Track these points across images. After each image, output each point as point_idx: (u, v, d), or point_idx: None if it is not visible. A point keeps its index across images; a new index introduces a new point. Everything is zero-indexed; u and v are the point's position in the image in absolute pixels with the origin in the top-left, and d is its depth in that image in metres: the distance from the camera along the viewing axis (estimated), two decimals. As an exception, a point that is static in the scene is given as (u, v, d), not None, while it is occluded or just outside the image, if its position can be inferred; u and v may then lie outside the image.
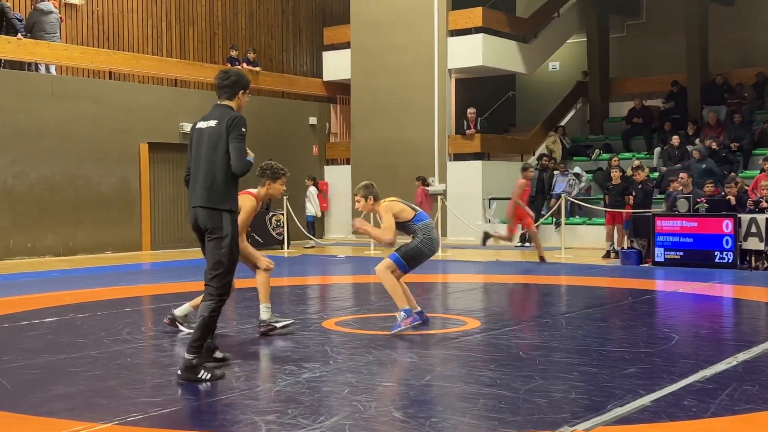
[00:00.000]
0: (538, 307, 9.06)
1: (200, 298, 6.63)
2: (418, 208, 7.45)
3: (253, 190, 7.10)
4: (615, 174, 14.96)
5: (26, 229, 15.18)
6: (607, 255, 14.76)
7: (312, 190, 18.70)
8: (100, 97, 16.51)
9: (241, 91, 5.68)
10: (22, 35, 15.45)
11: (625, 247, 14.17)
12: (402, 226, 7.26)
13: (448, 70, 19.18)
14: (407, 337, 6.90)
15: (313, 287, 11.38)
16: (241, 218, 6.74)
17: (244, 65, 19.41)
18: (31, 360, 6.14)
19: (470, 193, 18.66)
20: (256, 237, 17.94)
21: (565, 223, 15.97)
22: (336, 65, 21.19)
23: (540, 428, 4.21)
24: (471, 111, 19.05)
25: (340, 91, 21.55)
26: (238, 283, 11.20)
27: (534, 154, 20.32)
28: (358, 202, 7.39)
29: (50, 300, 9.43)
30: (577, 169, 18.02)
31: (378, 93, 19.84)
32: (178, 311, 7.20)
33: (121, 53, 17.55)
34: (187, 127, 17.56)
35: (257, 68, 19.77)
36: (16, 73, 15.59)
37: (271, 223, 18.18)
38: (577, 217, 17.60)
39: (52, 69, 16.25)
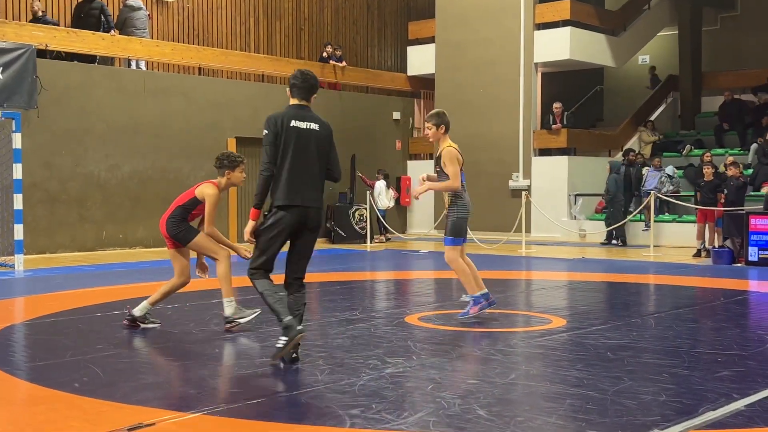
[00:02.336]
0: (626, 306, 8.85)
1: (159, 294, 6.97)
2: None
3: (215, 180, 7.05)
4: (707, 170, 14.51)
5: (119, 221, 15.64)
6: (697, 254, 14.35)
7: (381, 184, 18.59)
8: (190, 93, 16.87)
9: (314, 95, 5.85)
10: (114, 32, 15.90)
11: (717, 246, 13.75)
12: (445, 175, 7.47)
13: (534, 64, 18.93)
14: (491, 334, 6.84)
15: (396, 282, 11.39)
16: (207, 209, 6.87)
17: (332, 62, 19.56)
18: (122, 349, 6.32)
19: (555, 189, 18.39)
20: (340, 231, 18.09)
21: (654, 221, 15.59)
22: (420, 60, 21.15)
23: (629, 431, 4.11)
24: (557, 105, 18.76)
25: (424, 85, 21.52)
26: (320, 276, 11.34)
27: (622, 150, 19.89)
28: (429, 129, 7.60)
29: (141, 290, 9.68)
30: (669, 169, 17.55)
31: (462, 88, 19.73)
32: (137, 311, 7.08)
33: (210, 49, 17.89)
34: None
35: (343, 63, 19.89)
36: (110, 69, 16.07)
37: (354, 217, 18.29)
38: (666, 214, 17.16)
39: (142, 65, 16.68)
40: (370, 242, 17.09)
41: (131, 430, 4.14)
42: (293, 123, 5.62)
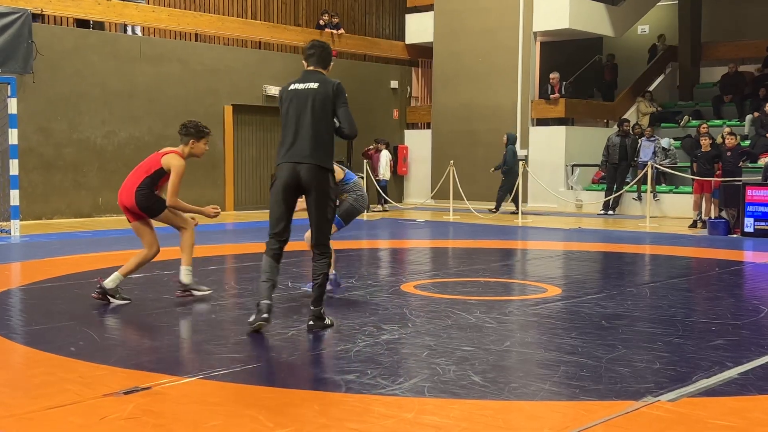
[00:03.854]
0: (621, 276, 8.88)
1: (130, 265, 6.82)
2: (345, 168, 7.56)
3: (178, 149, 6.92)
4: (704, 141, 14.49)
5: (115, 188, 15.50)
6: (693, 225, 14.38)
7: (385, 154, 18.58)
8: (186, 59, 16.76)
9: (331, 63, 5.93)
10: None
11: (713, 217, 13.77)
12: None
13: (533, 33, 18.83)
14: (487, 302, 6.86)
15: (392, 251, 11.40)
16: (173, 179, 6.74)
17: (329, 29, 19.43)
18: (119, 314, 6.33)
19: (553, 159, 18.37)
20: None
21: (654, 192, 15.60)
22: (419, 28, 21.01)
23: (623, 398, 4.14)
24: (554, 75, 18.67)
25: (422, 54, 21.40)
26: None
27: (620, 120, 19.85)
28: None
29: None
30: (665, 141, 17.52)
31: (461, 56, 19.62)
32: (109, 282, 6.76)
33: (207, 15, 17.75)
34: (271, 90, 17.80)
35: (340, 31, 19.76)
36: (106, 34, 15.95)
37: (351, 186, 18.26)
38: (663, 185, 17.17)
39: (138, 30, 16.55)
40: (367, 211, 17.08)
41: (127, 393, 4.16)
42: (292, 86, 5.72)
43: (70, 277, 8.14)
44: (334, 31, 19.58)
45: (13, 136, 12.37)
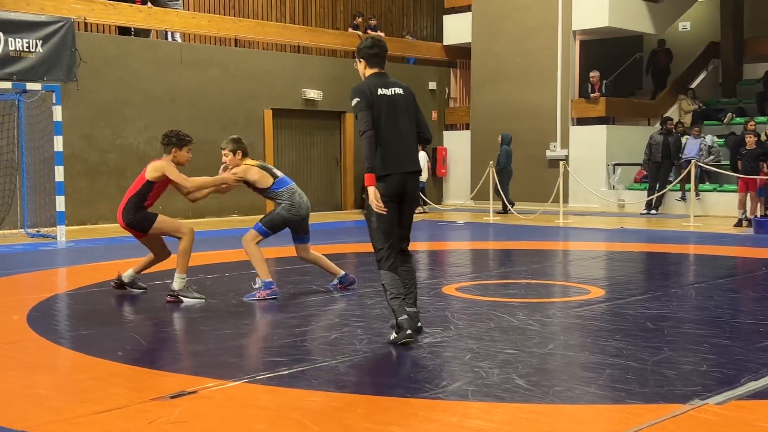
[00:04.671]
0: (666, 276, 8.78)
1: (145, 261, 7.07)
2: (279, 173, 7.45)
3: (162, 159, 6.91)
4: (750, 139, 14.26)
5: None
6: (739, 223, 14.15)
7: (422, 155, 18.48)
8: (226, 64, 16.92)
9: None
10: (150, 4, 15.97)
11: (759, 216, 13.54)
12: (263, 194, 7.39)
13: (572, 32, 18.68)
14: (529, 304, 6.82)
15: (433, 253, 11.38)
16: (174, 175, 6.73)
17: (369, 32, 19.48)
18: (164, 318, 6.41)
19: (593, 158, 18.20)
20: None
21: (697, 191, 15.40)
22: (456, 29, 20.96)
23: (669, 401, 4.09)
24: (594, 74, 18.51)
25: (460, 55, 21.35)
26: (357, 247, 11.36)
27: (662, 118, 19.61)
28: (226, 156, 7.35)
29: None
30: (709, 139, 17.27)
31: (499, 57, 19.54)
32: (125, 276, 7.39)
33: (246, 20, 17.89)
34: (310, 93, 17.89)
35: (380, 33, 19.78)
36: (148, 41, 16.16)
37: (390, 188, 18.26)
38: (707, 183, 16.93)
39: (178, 36, 16.74)
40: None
41: (174, 397, 4.21)
42: (380, 91, 5.49)
43: (116, 282, 8.24)
44: (374, 34, 19.62)
45: (58, 143, 12.58)
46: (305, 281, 8.20)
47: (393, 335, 5.36)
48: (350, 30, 19.48)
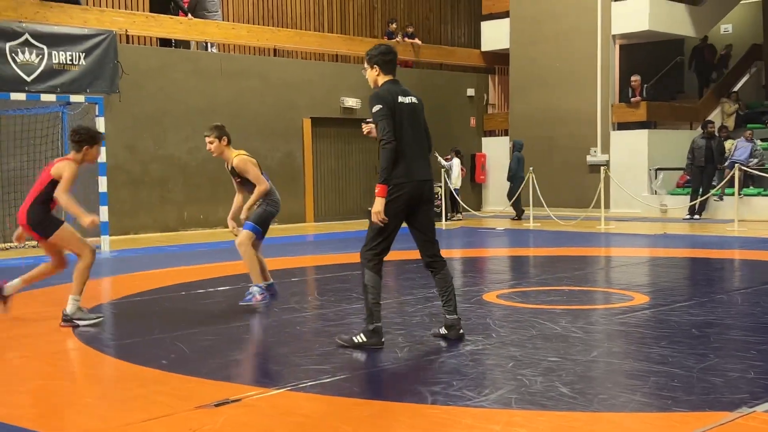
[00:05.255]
0: (711, 282, 8.65)
1: (40, 270, 6.69)
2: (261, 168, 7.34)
3: (69, 156, 6.58)
4: (795, 142, 13.99)
5: (199, 202, 15.95)
6: (785, 228, 13.90)
7: (455, 162, 18.39)
8: (266, 74, 17.05)
9: None
10: (191, 16, 16.16)
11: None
12: (249, 186, 7.21)
13: (611, 36, 18.52)
14: (572, 311, 6.76)
15: (472, 260, 11.34)
16: (65, 177, 6.34)
17: (406, 39, 19.52)
18: (207, 327, 6.47)
19: (635, 163, 18.01)
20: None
21: (740, 195, 15.16)
22: (494, 35, 20.90)
23: (716, 408, 4.03)
24: (635, 78, 18.33)
25: (498, 61, 21.29)
26: (396, 255, 11.37)
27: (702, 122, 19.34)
28: (211, 143, 7.26)
29: (222, 270, 9.89)
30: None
31: (537, 62, 19.44)
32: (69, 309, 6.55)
33: (285, 30, 18.03)
34: (348, 102, 17.96)
35: (416, 40, 19.80)
36: (188, 52, 16.35)
37: (429, 195, 18.22)
38: (750, 187, 16.66)
39: (215, 48, 16.90)
40: (446, 220, 17.05)
41: (218, 405, 4.24)
42: (400, 99, 5.53)
43: (159, 291, 8.35)
44: (412, 41, 19.63)
45: (101, 154, 12.75)
46: (345, 289, 8.22)
47: (360, 337, 5.44)
48: (386, 39, 19.51)
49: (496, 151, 20.62)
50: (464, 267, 10.61)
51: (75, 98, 13.24)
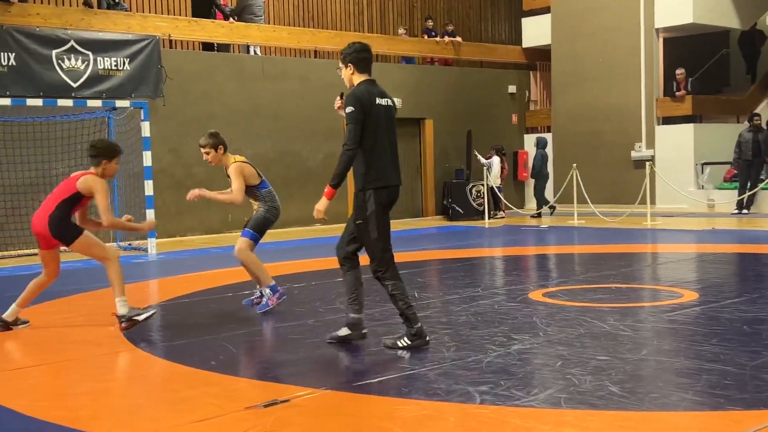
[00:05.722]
0: (761, 278, 8.48)
1: (33, 288, 6.54)
2: (261, 174, 7.26)
3: (92, 171, 6.45)
4: None
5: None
6: (837, 222, 13.59)
7: (495, 160, 18.23)
8: (306, 76, 17.12)
9: None
10: (233, 19, 16.30)
11: None
12: (248, 191, 7.11)
13: (655, 30, 18.27)
14: (620, 309, 6.68)
15: (517, 258, 11.27)
16: (102, 201, 6.29)
17: (446, 37, 19.47)
18: (254, 327, 6.51)
19: (681, 158, 17.74)
20: (457, 208, 18.03)
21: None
22: (535, 31, 20.74)
23: (772, 408, 3.95)
24: (680, 72, 18.06)
25: (540, 57, 21.13)
26: (439, 254, 11.36)
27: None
28: (207, 154, 7.15)
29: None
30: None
31: (580, 57, 19.25)
32: (7, 316, 6.61)
33: (325, 31, 18.09)
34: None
35: (457, 38, 19.74)
36: (230, 55, 16.48)
37: (471, 193, 18.18)
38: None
39: (257, 50, 17.02)
40: (488, 219, 16.97)
41: (267, 406, 4.27)
42: (377, 101, 5.48)
43: (206, 293, 8.43)
44: (452, 39, 19.57)
45: (146, 158, 12.94)
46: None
47: (404, 341, 5.42)
48: (425, 36, 19.49)
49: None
50: (508, 265, 10.55)
51: (120, 103, 13.44)
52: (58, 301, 8.18)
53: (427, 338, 5.48)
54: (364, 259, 5.68)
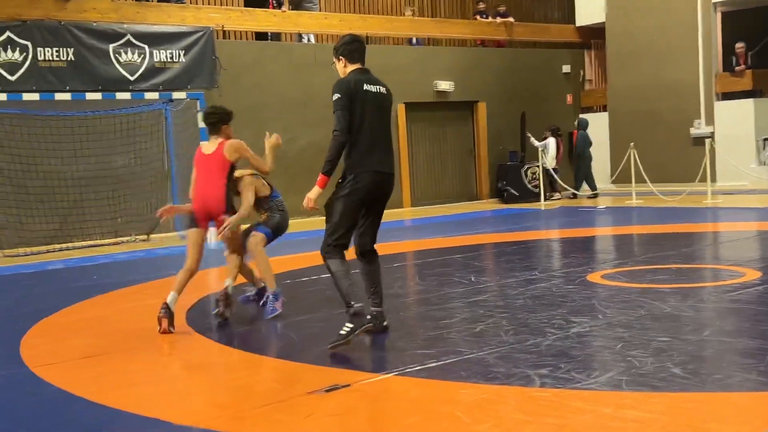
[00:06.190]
0: (827, 255, 8.29)
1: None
2: (271, 184, 7.18)
3: (220, 139, 6.54)
4: None
5: (298, 191, 15.99)
6: None
7: (551, 141, 18.02)
8: (359, 62, 17.14)
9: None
10: (287, 9, 16.41)
11: None
12: (258, 202, 7.04)
13: (712, 4, 17.85)
14: (680, 290, 6.60)
15: (575, 240, 11.17)
16: (253, 157, 6.45)
17: (498, 18, 19.31)
18: (313, 314, 6.59)
19: (741, 134, 17.34)
20: (512, 191, 17.92)
21: None
22: (589, 9, 20.41)
23: (840, 388, 3.88)
24: (740, 46, 17.63)
25: (594, 35, 20.80)
26: (495, 237, 11.31)
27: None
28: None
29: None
30: None
31: (635, 34, 18.90)
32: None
33: (376, 17, 18.07)
34: (442, 85, 17.91)
35: (510, 19, 19.55)
36: (283, 44, 16.60)
37: (526, 176, 18.05)
38: None
39: (311, 38, 17.10)
40: (544, 200, 16.84)
41: (329, 390, 4.33)
42: (365, 87, 5.45)
43: (265, 280, 8.53)
44: (505, 20, 19.39)
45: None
46: (447, 273, 8.23)
47: (346, 327, 5.20)
48: (477, 18, 19.35)
49: (595, 128, 20.18)
50: (566, 247, 10.47)
51: (177, 95, 13.65)
52: (124, 290, 8.38)
53: (368, 317, 5.30)
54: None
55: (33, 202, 12.99)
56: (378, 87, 5.51)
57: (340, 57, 5.60)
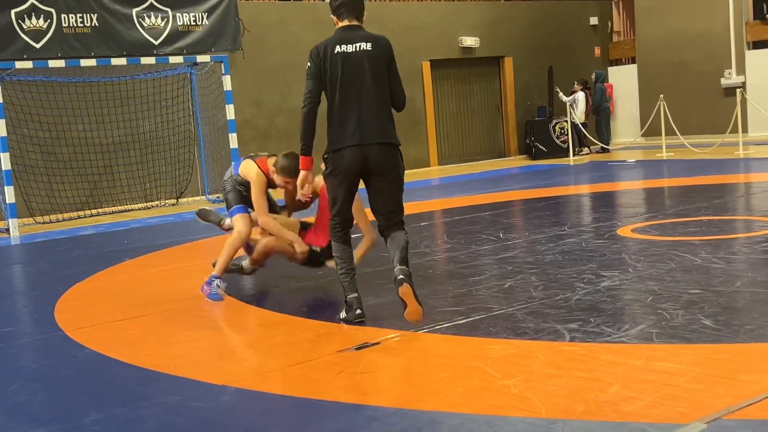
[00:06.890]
0: None
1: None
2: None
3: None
4: None
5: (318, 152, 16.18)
6: None
7: (580, 95, 17.76)
8: (383, 20, 16.98)
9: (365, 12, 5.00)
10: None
11: None
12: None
13: (743, -51, 17.46)
14: (711, 242, 6.53)
15: (604, 194, 11.08)
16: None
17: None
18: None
19: (774, 83, 17.04)
20: (540, 146, 17.79)
21: None
22: (616, -41, 20.06)
23: None
24: (772, -8, 17.25)
25: (621, -14, 20.46)
26: (524, 193, 11.25)
27: None
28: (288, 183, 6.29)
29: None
30: None
31: (663, -16, 18.54)
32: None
33: (399, -26, 17.87)
34: (467, 41, 17.72)
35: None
36: (305, 4, 16.49)
37: (554, 131, 17.89)
38: None
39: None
40: (573, 156, 16.70)
41: (359, 348, 4.37)
42: (339, 49, 4.77)
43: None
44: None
45: (230, 112, 13.16)
46: (474, 231, 8.22)
47: (342, 314, 4.94)
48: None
49: (624, 81, 19.93)
50: (595, 202, 10.41)
51: (201, 58, 13.66)
52: (155, 254, 8.47)
53: (358, 312, 4.88)
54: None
55: (63, 169, 13.13)
56: (359, 44, 4.79)
57: (332, 16, 4.96)
